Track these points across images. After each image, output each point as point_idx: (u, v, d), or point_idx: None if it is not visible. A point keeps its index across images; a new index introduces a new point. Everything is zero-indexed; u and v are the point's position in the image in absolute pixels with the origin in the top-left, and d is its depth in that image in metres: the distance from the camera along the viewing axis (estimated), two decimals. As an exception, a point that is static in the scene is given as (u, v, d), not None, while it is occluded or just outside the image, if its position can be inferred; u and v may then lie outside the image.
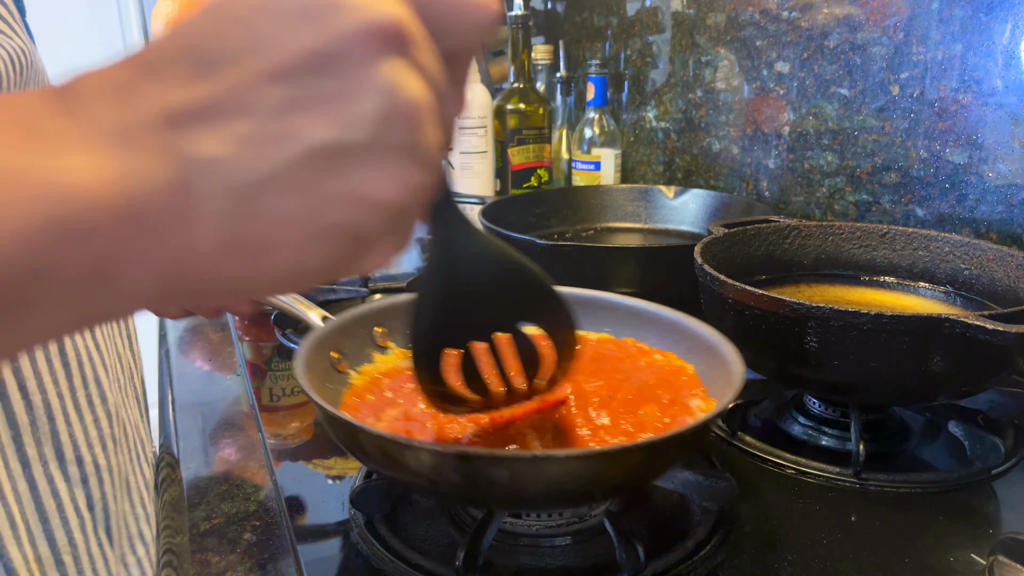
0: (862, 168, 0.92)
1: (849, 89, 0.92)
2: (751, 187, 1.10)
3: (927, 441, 0.60)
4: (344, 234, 0.23)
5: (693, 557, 0.46)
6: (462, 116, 0.31)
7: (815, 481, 0.55)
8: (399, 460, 0.40)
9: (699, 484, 0.49)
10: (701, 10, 1.15)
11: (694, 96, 1.20)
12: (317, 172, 0.22)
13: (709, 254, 0.68)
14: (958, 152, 0.81)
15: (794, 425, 0.62)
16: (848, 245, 0.75)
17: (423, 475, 0.40)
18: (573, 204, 1.13)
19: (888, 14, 0.86)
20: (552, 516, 0.48)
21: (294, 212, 0.22)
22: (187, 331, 0.90)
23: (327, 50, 0.22)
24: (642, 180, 1.35)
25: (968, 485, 0.54)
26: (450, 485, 0.40)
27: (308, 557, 0.47)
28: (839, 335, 0.53)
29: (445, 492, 0.43)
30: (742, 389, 0.46)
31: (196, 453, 0.62)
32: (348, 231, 0.23)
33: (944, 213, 0.84)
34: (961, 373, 0.53)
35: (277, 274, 0.23)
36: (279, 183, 0.22)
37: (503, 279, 0.40)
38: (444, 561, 0.45)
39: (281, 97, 0.22)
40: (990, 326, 0.48)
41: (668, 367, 0.54)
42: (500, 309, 0.41)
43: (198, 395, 0.73)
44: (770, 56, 1.03)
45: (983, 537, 0.48)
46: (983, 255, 0.67)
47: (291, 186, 0.22)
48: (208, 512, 0.53)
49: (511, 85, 1.26)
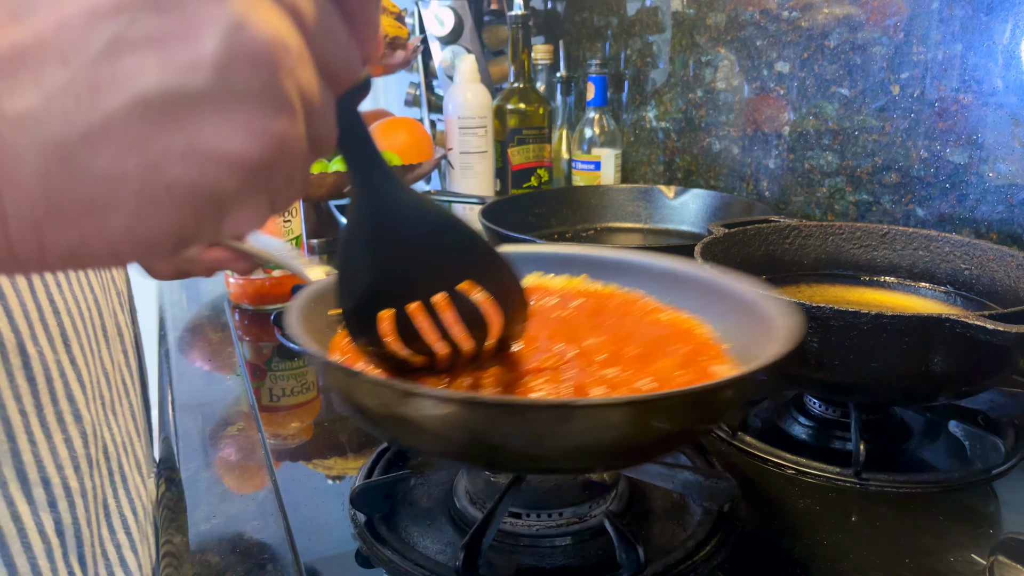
0: (862, 168, 0.92)
1: (849, 89, 0.92)
2: (751, 187, 1.10)
3: (927, 441, 0.60)
4: (189, 194, 0.21)
5: (693, 557, 0.46)
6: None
7: (815, 481, 0.55)
8: (398, 413, 0.36)
9: (699, 484, 0.49)
10: (701, 10, 1.15)
11: (694, 96, 1.20)
12: (148, 124, 0.20)
13: (709, 254, 0.68)
14: (958, 152, 0.81)
15: (794, 425, 0.62)
16: (848, 245, 0.75)
17: (428, 431, 0.36)
18: (573, 204, 1.13)
19: (888, 14, 0.86)
20: (552, 516, 0.48)
21: (124, 170, 0.20)
22: (187, 331, 0.90)
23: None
24: (642, 180, 1.35)
25: (968, 485, 0.54)
26: (459, 443, 0.36)
27: (308, 557, 0.47)
28: (839, 335, 0.53)
29: (455, 452, 0.39)
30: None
31: (196, 453, 0.62)
32: (194, 191, 0.21)
33: (944, 213, 0.84)
34: (961, 373, 0.53)
35: (115, 241, 0.21)
36: (104, 137, 0.19)
37: (436, 234, 0.37)
38: (444, 561, 0.45)
39: (106, 39, 0.19)
40: (990, 326, 0.48)
41: (678, 325, 0.51)
42: (436, 267, 0.38)
43: (198, 395, 0.73)
44: (770, 56, 1.03)
45: (983, 537, 0.48)
46: (983, 255, 0.67)
47: (118, 140, 0.19)
48: (208, 512, 0.53)
49: (511, 85, 1.26)
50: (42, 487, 0.38)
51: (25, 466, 0.37)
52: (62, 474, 0.39)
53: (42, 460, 0.38)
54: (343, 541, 0.49)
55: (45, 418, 0.38)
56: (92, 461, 0.42)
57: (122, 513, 0.45)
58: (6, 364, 0.36)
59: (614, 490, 0.51)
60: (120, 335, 0.50)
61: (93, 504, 0.42)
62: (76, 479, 0.40)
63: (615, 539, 0.45)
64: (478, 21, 1.45)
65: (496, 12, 1.48)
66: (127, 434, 0.47)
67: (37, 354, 0.38)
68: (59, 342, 0.40)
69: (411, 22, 1.49)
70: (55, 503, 0.39)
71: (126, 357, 0.50)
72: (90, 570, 0.41)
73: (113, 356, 0.47)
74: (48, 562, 0.38)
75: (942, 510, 0.51)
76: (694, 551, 0.46)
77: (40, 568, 0.38)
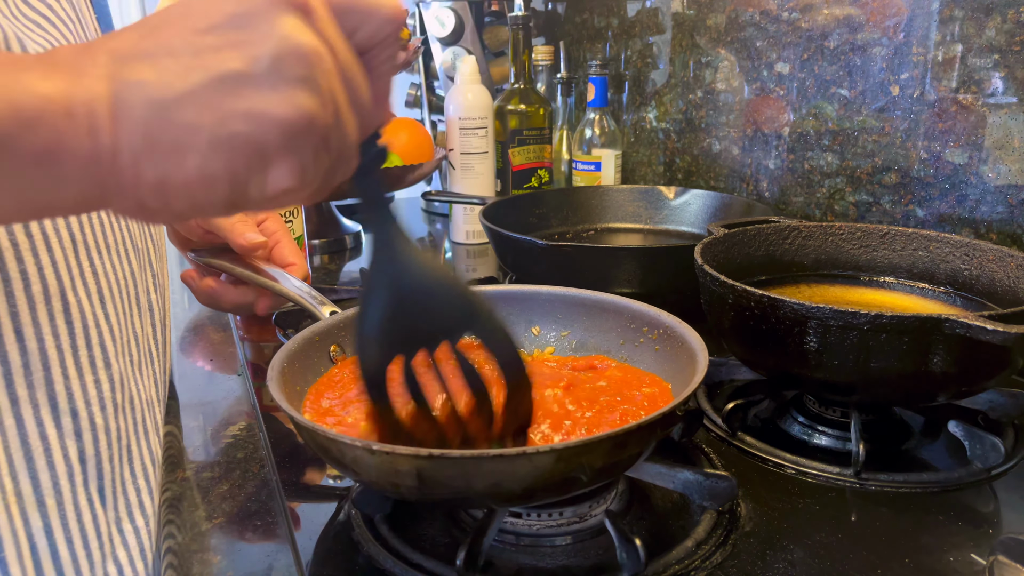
0: (862, 168, 0.92)
1: (849, 90, 0.93)
2: (751, 187, 1.10)
3: (927, 441, 0.60)
4: (243, 143, 0.29)
5: (693, 557, 0.46)
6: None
7: (815, 481, 0.55)
8: (342, 461, 0.41)
9: (699, 484, 0.49)
10: (701, 11, 1.16)
11: (694, 97, 1.20)
12: (222, 93, 0.28)
13: (709, 254, 0.68)
14: (958, 152, 0.81)
15: (794, 425, 0.62)
16: (848, 245, 0.75)
17: (372, 478, 0.40)
18: (574, 205, 1.13)
19: (888, 15, 0.86)
20: (552, 515, 0.48)
21: (201, 123, 0.28)
22: (188, 331, 0.90)
23: (242, 11, 0.29)
24: (642, 181, 1.35)
25: (968, 485, 0.54)
26: (408, 488, 0.40)
27: (309, 557, 0.48)
28: (839, 335, 0.53)
29: (406, 495, 0.43)
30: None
31: (197, 453, 0.62)
32: (247, 141, 0.29)
33: (944, 213, 0.84)
34: (961, 373, 0.53)
35: (188, 176, 0.29)
36: (190, 100, 0.28)
37: (446, 303, 0.42)
38: (445, 561, 0.45)
39: (203, 44, 0.29)
40: (990, 326, 0.48)
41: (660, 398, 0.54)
42: (442, 331, 0.42)
43: (199, 395, 0.73)
44: (770, 57, 1.03)
45: (983, 537, 0.48)
46: (983, 255, 0.67)
47: (200, 103, 0.28)
48: (209, 512, 0.53)
49: (512, 86, 1.26)
50: (70, 416, 0.41)
51: (56, 395, 0.41)
52: (90, 410, 0.42)
53: (72, 393, 0.41)
54: (344, 541, 0.49)
55: (79, 358, 0.42)
56: (118, 406, 0.44)
57: (143, 462, 0.47)
58: (48, 306, 0.40)
59: (614, 490, 0.51)
60: (151, 311, 0.53)
61: (116, 444, 0.44)
62: (102, 417, 0.43)
63: (615, 539, 0.45)
64: (479, 22, 1.45)
65: (497, 13, 1.48)
66: (150, 397, 0.49)
67: (76, 303, 0.42)
68: (96, 298, 0.44)
69: (412, 23, 1.49)
70: (81, 434, 0.41)
71: (155, 331, 0.53)
72: (108, 504, 0.43)
73: (143, 326, 0.50)
74: (69, 484, 0.41)
75: (942, 510, 0.51)
76: (694, 551, 0.46)
77: (61, 488, 0.40)
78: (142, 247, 0.51)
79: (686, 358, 0.52)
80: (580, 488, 0.43)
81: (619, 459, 0.43)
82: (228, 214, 0.32)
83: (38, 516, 0.40)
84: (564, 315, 0.63)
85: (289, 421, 0.53)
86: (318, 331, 0.57)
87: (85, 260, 0.43)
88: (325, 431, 0.41)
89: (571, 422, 0.49)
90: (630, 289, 0.82)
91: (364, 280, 0.41)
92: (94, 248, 0.44)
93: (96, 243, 0.45)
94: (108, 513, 0.43)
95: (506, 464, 0.39)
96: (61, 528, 0.40)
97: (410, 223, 1.46)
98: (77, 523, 0.41)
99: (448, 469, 0.39)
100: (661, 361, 0.56)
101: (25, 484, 0.39)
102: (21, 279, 0.39)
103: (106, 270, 0.45)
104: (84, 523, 0.41)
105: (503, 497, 0.42)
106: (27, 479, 0.39)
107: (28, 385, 0.39)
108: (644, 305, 0.59)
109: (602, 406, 0.51)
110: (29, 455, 0.39)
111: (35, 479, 0.39)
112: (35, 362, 0.40)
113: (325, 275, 1.09)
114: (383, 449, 0.39)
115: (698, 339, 0.52)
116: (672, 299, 0.64)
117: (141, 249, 0.51)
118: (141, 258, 0.51)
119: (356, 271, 1.00)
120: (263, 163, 0.30)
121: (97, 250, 0.45)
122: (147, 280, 0.52)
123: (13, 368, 0.39)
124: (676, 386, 0.53)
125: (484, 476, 0.39)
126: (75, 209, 0.30)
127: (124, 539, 0.44)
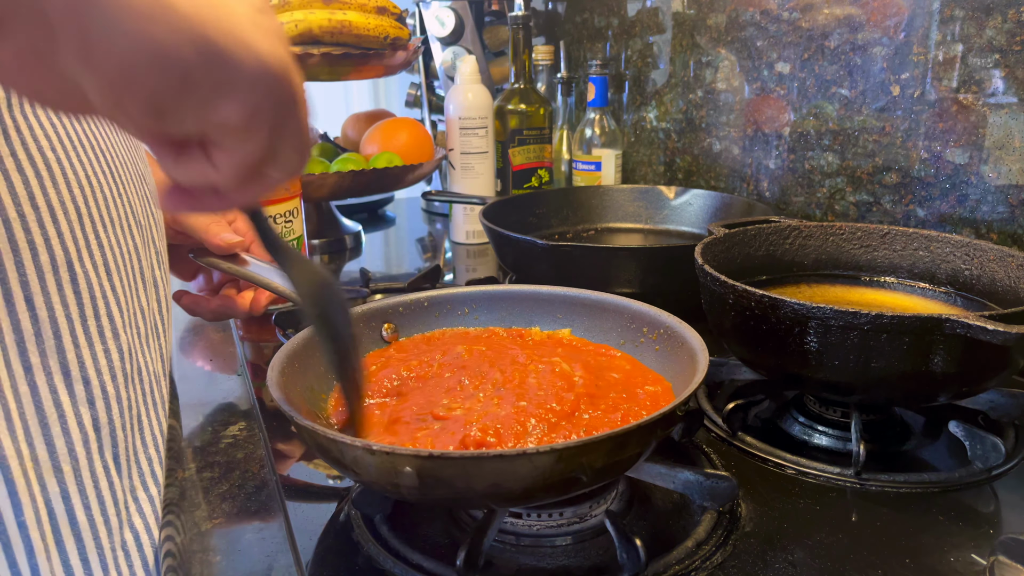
0: (862, 168, 0.92)
1: (849, 89, 0.93)
2: (752, 187, 1.10)
3: (927, 441, 0.60)
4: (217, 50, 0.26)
5: (693, 557, 0.46)
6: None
7: (815, 481, 0.55)
8: (342, 461, 0.42)
9: (699, 484, 0.49)
10: (702, 11, 1.16)
11: (695, 96, 1.20)
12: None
13: (710, 254, 0.68)
14: (958, 152, 0.81)
15: (794, 425, 0.62)
16: (848, 245, 0.75)
17: (367, 476, 0.41)
18: (574, 204, 1.13)
19: (888, 14, 0.86)
20: (553, 516, 0.48)
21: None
22: (188, 331, 0.90)
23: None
24: (643, 180, 1.35)
25: (968, 485, 0.54)
26: (408, 488, 0.40)
27: (309, 557, 0.48)
28: (839, 335, 0.53)
29: (406, 495, 0.43)
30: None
31: (197, 453, 0.62)
32: (222, 50, 0.26)
33: (945, 213, 0.84)
34: (961, 373, 0.53)
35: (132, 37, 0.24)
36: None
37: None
38: (445, 561, 0.45)
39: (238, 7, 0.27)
40: (990, 326, 0.48)
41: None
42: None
43: (199, 395, 0.73)
44: (771, 56, 1.03)
45: (983, 537, 0.48)
46: (984, 255, 0.67)
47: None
48: (209, 512, 0.53)
49: (512, 86, 1.26)
50: (82, 384, 0.41)
51: (68, 363, 0.41)
52: (101, 379, 0.43)
53: (84, 361, 0.42)
54: (344, 541, 0.49)
55: (88, 328, 0.42)
56: (128, 376, 0.45)
57: (153, 433, 0.48)
58: (56, 276, 0.41)
59: (615, 490, 0.51)
60: (156, 287, 0.53)
61: (128, 414, 0.45)
62: (113, 386, 0.43)
63: (616, 539, 0.45)
64: (479, 22, 1.45)
65: (497, 13, 1.48)
66: (156, 371, 0.50)
67: (83, 274, 0.42)
68: (102, 270, 0.44)
69: (412, 23, 1.49)
70: (94, 401, 0.42)
71: (159, 307, 0.54)
72: (123, 471, 0.44)
73: (148, 301, 0.51)
74: (84, 450, 0.41)
75: (942, 510, 0.51)
76: (694, 551, 0.46)
77: (77, 455, 0.41)
78: (145, 224, 0.52)
79: (686, 358, 0.52)
80: (580, 488, 0.43)
81: (619, 459, 0.43)
82: (151, 123, 0.27)
83: (55, 481, 0.40)
84: (564, 315, 0.63)
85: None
86: None
87: (91, 233, 0.44)
88: (325, 431, 0.41)
89: (579, 393, 0.51)
90: (630, 289, 0.82)
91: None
92: (99, 221, 0.45)
93: (101, 216, 0.45)
94: (123, 481, 0.43)
95: (506, 464, 0.39)
96: (78, 494, 0.41)
97: (410, 223, 1.46)
98: (94, 489, 0.41)
99: (448, 469, 0.39)
100: (661, 361, 0.56)
101: (41, 449, 0.39)
102: (29, 248, 0.39)
103: (111, 243, 0.45)
104: (101, 489, 0.42)
105: (503, 497, 0.42)
106: (43, 445, 0.39)
107: (40, 353, 0.40)
108: (644, 305, 0.59)
109: (608, 404, 0.51)
110: (44, 421, 0.40)
111: (51, 445, 0.40)
112: (46, 330, 0.40)
113: (325, 275, 1.09)
114: (383, 449, 0.39)
115: (698, 339, 0.52)
116: (672, 299, 0.64)
117: (144, 226, 0.52)
118: (145, 235, 0.52)
119: (356, 271, 1.00)
120: (224, 85, 0.26)
121: (102, 223, 0.45)
122: (151, 256, 0.52)
123: (25, 336, 0.39)
124: (676, 386, 0.53)
125: (484, 476, 0.39)
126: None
127: (139, 507, 0.45)
